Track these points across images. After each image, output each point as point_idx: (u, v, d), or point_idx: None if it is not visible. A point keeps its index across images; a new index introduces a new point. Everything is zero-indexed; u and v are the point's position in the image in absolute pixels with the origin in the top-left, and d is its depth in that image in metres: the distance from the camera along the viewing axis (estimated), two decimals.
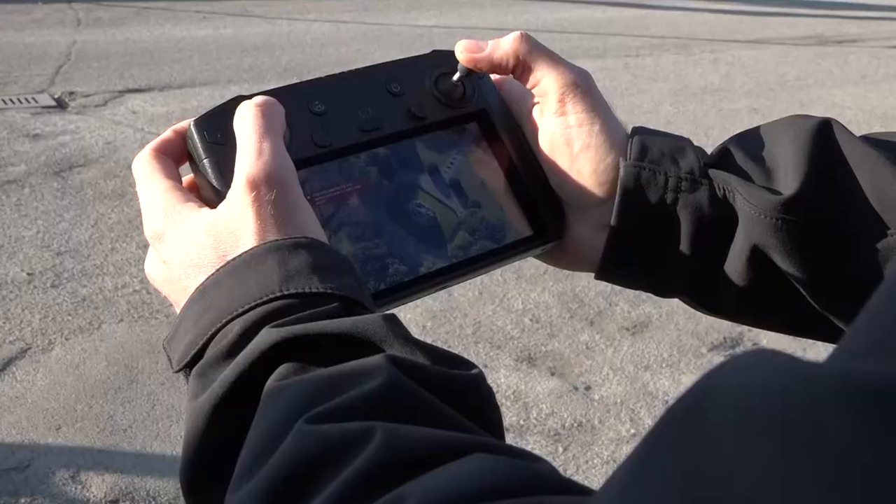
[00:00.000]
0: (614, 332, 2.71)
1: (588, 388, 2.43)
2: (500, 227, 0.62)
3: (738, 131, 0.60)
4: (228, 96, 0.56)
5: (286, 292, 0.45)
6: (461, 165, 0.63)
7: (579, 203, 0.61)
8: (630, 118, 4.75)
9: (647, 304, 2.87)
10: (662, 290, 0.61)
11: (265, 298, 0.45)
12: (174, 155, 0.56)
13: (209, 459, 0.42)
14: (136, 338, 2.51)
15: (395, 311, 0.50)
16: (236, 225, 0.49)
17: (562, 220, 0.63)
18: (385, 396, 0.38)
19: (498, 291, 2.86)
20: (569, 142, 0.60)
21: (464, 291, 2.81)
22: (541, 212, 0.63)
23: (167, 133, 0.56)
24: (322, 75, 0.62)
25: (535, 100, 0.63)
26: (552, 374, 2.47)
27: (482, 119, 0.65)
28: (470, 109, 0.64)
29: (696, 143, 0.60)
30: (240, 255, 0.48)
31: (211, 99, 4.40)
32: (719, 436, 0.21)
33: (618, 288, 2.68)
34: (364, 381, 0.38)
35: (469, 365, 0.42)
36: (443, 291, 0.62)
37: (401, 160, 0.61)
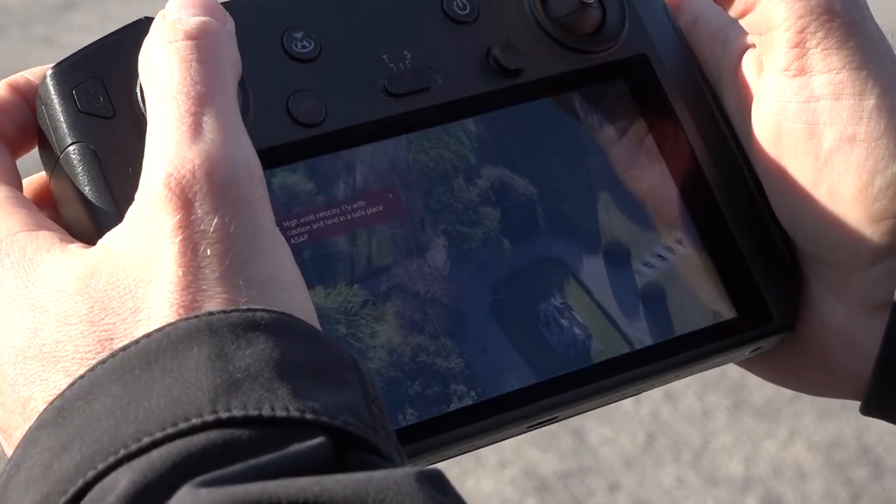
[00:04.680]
0: None
1: None
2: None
3: None
4: (109, 14, 0.58)
5: (225, 415, 0.48)
6: (684, 261, 0.63)
7: (831, 256, 0.65)
8: None
9: None
10: None
11: (185, 426, 0.48)
12: (6, 133, 0.59)
13: None
14: None
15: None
16: (137, 277, 0.53)
17: (796, 291, 0.64)
18: None
19: (689, 437, 2.85)
20: (812, 129, 0.63)
21: (609, 433, 2.81)
22: (754, 275, 0.64)
23: None
24: None
25: (748, 40, 0.65)
26: None
27: (639, 77, 0.67)
28: (614, 56, 0.67)
29: None
30: (139, 340, 0.50)
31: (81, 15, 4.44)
32: None
33: None
34: None
35: None
36: (565, 430, 0.61)
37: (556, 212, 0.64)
